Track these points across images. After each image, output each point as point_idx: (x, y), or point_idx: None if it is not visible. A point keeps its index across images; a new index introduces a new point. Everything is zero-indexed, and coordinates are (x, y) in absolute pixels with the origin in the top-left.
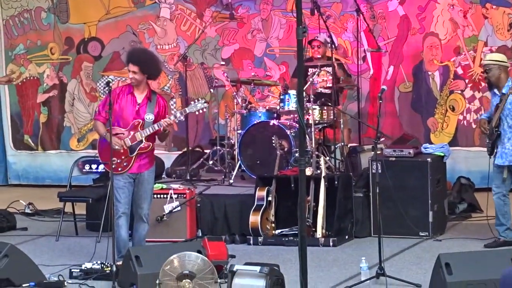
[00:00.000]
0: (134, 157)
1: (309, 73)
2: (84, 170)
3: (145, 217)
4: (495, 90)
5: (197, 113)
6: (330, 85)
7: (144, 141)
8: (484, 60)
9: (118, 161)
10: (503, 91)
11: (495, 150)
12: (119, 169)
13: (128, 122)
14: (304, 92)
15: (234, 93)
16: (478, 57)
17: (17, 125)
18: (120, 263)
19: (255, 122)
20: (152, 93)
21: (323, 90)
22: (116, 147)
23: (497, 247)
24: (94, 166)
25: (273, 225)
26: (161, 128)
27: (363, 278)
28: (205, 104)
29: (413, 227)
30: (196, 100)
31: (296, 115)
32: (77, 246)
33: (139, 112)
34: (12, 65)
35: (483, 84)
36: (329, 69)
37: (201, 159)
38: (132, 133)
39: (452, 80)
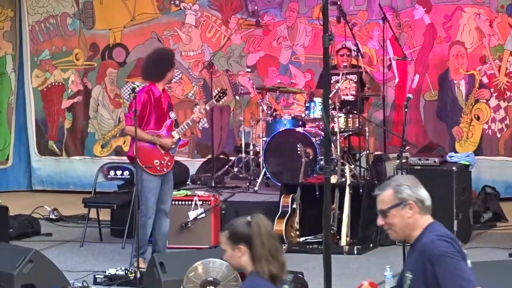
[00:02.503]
0: (174, 156)
1: (332, 81)
2: (109, 176)
3: (167, 214)
4: None
5: (220, 102)
6: (354, 92)
7: (181, 138)
8: None
9: (162, 162)
10: None
11: None
12: (164, 169)
13: (161, 124)
14: (329, 100)
15: (260, 100)
16: (504, 66)
17: (41, 131)
18: (140, 259)
19: (281, 129)
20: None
21: (346, 98)
22: (172, 146)
23: None
24: (119, 172)
25: (297, 232)
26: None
27: (387, 287)
28: (224, 91)
29: None
30: (220, 91)
31: (321, 123)
32: (102, 252)
33: (167, 112)
34: (37, 70)
35: (508, 93)
36: (353, 77)
37: (226, 166)
38: (168, 133)
39: (477, 89)
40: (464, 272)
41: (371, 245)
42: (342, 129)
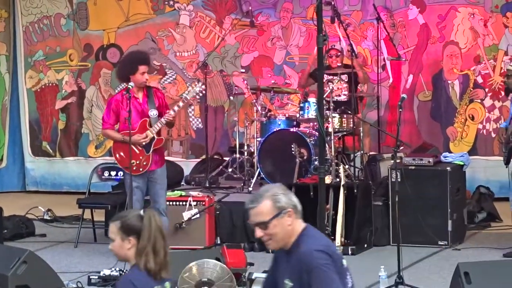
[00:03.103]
0: (151, 154)
1: (323, 81)
2: (103, 177)
3: (163, 211)
4: None
5: (197, 97)
6: (346, 93)
7: (156, 137)
8: (509, 65)
9: (138, 162)
10: None
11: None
12: (140, 169)
13: (135, 124)
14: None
15: (254, 100)
16: (498, 66)
17: (35, 132)
18: None
19: (275, 130)
20: (147, 89)
21: (338, 98)
22: (143, 142)
23: None
24: (113, 173)
25: None
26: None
27: (382, 287)
28: (203, 87)
29: (432, 236)
30: (193, 85)
31: (315, 123)
32: (96, 252)
33: (143, 112)
34: (31, 71)
35: (503, 93)
36: (344, 77)
37: (220, 167)
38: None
39: (472, 89)
40: (333, 286)
41: (365, 245)
42: (336, 129)
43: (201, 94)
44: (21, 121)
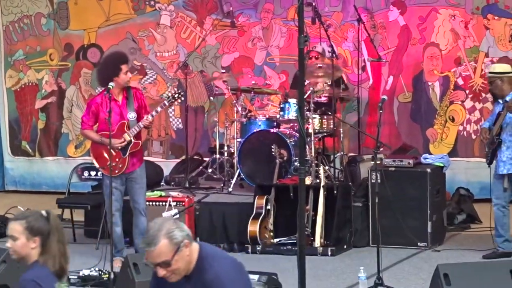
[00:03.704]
0: (127, 157)
1: (306, 83)
2: (83, 176)
3: (143, 211)
4: (499, 100)
5: (176, 103)
6: (327, 95)
7: (133, 140)
8: (487, 73)
9: (114, 164)
10: (507, 98)
11: (494, 160)
12: (116, 171)
13: (114, 126)
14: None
15: (234, 101)
16: (479, 68)
17: (15, 131)
18: (116, 258)
19: (255, 130)
20: (127, 91)
21: (319, 100)
22: (119, 146)
23: (495, 258)
24: (93, 173)
25: (271, 233)
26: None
27: None
28: (182, 98)
29: (411, 237)
30: (172, 93)
31: (295, 124)
32: (75, 252)
33: (122, 114)
34: (11, 70)
35: (483, 95)
36: (327, 80)
37: (200, 167)
38: (122, 139)
39: (452, 91)
40: None
41: (345, 246)
42: (316, 130)
43: (179, 101)
44: (0, 120)
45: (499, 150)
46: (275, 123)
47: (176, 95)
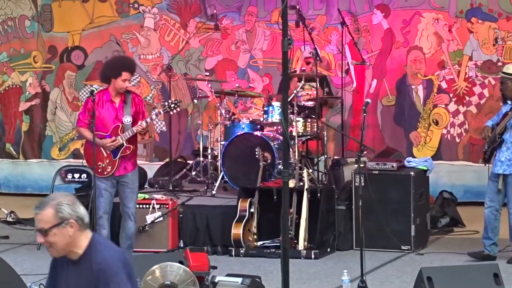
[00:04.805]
0: (117, 160)
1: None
2: (66, 179)
3: (132, 216)
4: (508, 101)
5: (171, 112)
6: (313, 98)
7: (125, 144)
8: (500, 73)
9: (103, 165)
10: None
11: (492, 159)
12: (105, 172)
13: (109, 127)
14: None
15: (218, 104)
16: (463, 71)
17: None
18: None
19: (239, 133)
20: (126, 95)
21: (306, 103)
22: (110, 147)
23: (479, 260)
24: (76, 175)
25: (255, 236)
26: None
27: None
28: (178, 109)
29: (395, 241)
30: (170, 104)
31: (279, 127)
32: None
33: (117, 116)
34: None
35: (467, 98)
36: (314, 83)
37: (184, 170)
38: (113, 137)
39: (436, 94)
40: None
41: (328, 249)
42: (300, 134)
43: (175, 111)
44: None
45: (499, 150)
46: (258, 126)
47: (173, 105)
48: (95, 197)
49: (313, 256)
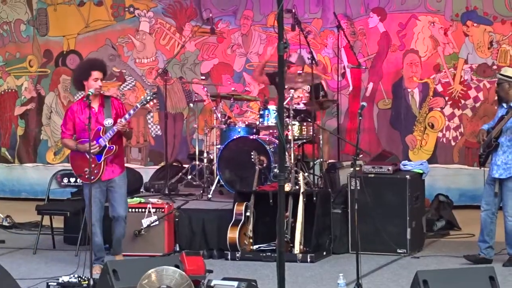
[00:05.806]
0: (102, 163)
1: (286, 87)
2: (62, 183)
3: (123, 220)
4: (504, 104)
5: (149, 105)
6: (305, 101)
7: (108, 145)
8: (497, 74)
9: (89, 170)
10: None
11: (487, 163)
12: (92, 177)
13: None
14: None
15: (214, 107)
16: (458, 75)
17: None
18: (95, 265)
19: (235, 137)
20: (104, 99)
21: (298, 107)
22: (93, 150)
23: (475, 263)
24: (72, 179)
25: (251, 240)
26: (120, 130)
27: None
28: (154, 95)
29: (391, 244)
30: (144, 94)
31: (275, 131)
32: (55, 259)
33: (98, 120)
34: None
35: (463, 101)
36: (306, 87)
37: (180, 174)
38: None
39: (431, 98)
40: None
41: (324, 253)
42: (296, 137)
43: (151, 102)
44: None
45: (495, 153)
46: (254, 130)
47: (149, 98)
48: (86, 206)
49: (309, 260)
